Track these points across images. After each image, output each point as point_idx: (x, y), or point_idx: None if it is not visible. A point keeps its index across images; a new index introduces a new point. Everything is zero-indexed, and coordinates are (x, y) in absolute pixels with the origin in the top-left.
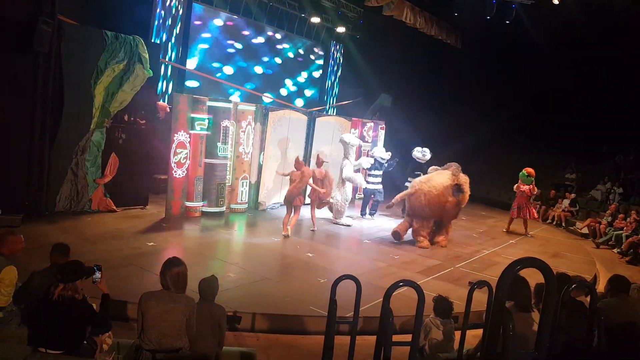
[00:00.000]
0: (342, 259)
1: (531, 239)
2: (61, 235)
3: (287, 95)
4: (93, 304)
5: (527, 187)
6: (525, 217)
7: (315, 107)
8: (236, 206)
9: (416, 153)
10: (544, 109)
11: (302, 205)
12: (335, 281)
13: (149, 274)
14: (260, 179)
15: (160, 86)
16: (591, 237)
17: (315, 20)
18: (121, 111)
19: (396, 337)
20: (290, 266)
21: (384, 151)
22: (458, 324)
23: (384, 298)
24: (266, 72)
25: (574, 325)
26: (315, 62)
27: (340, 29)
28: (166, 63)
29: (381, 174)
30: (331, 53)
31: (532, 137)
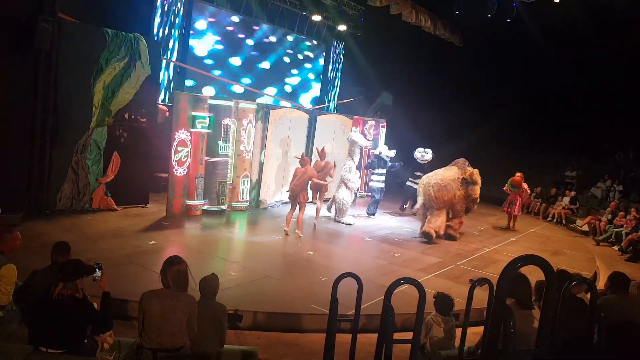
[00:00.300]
0: (343, 257)
1: (532, 236)
2: (62, 234)
3: (287, 94)
4: (94, 302)
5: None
6: (512, 212)
7: (316, 105)
8: (237, 204)
9: (416, 154)
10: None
11: (307, 202)
12: (336, 279)
13: (150, 272)
14: (262, 177)
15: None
16: (591, 234)
17: (317, 18)
18: (122, 109)
19: (397, 335)
20: (292, 264)
21: (386, 149)
22: (459, 322)
23: (385, 296)
24: (266, 71)
25: (574, 322)
26: (317, 61)
27: (342, 27)
28: (167, 61)
29: (385, 172)
30: (332, 51)
31: (533, 136)
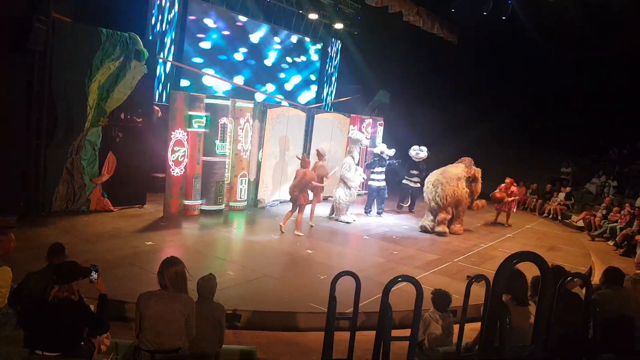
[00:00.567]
0: (341, 256)
1: (529, 232)
2: (58, 236)
3: (284, 92)
4: (90, 304)
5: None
6: (502, 209)
7: (313, 104)
8: (235, 204)
9: (411, 152)
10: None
11: (307, 204)
12: (334, 277)
13: (147, 273)
14: (259, 176)
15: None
16: (586, 230)
17: (313, 16)
18: (117, 109)
19: (395, 332)
20: (290, 263)
21: (386, 147)
22: (457, 318)
23: (383, 293)
24: (263, 68)
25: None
26: (313, 59)
27: (338, 26)
28: (162, 60)
29: (384, 170)
30: (329, 49)
31: (533, 135)
